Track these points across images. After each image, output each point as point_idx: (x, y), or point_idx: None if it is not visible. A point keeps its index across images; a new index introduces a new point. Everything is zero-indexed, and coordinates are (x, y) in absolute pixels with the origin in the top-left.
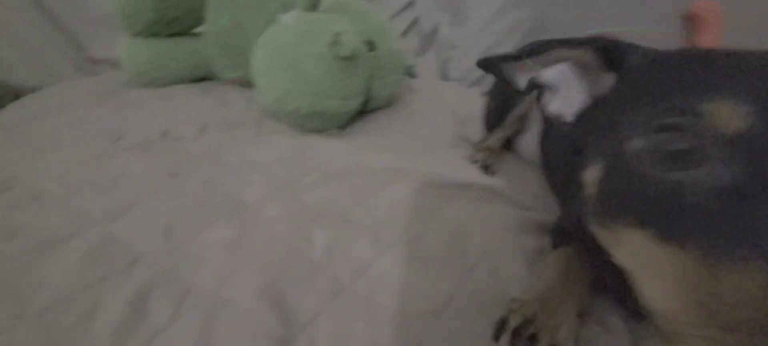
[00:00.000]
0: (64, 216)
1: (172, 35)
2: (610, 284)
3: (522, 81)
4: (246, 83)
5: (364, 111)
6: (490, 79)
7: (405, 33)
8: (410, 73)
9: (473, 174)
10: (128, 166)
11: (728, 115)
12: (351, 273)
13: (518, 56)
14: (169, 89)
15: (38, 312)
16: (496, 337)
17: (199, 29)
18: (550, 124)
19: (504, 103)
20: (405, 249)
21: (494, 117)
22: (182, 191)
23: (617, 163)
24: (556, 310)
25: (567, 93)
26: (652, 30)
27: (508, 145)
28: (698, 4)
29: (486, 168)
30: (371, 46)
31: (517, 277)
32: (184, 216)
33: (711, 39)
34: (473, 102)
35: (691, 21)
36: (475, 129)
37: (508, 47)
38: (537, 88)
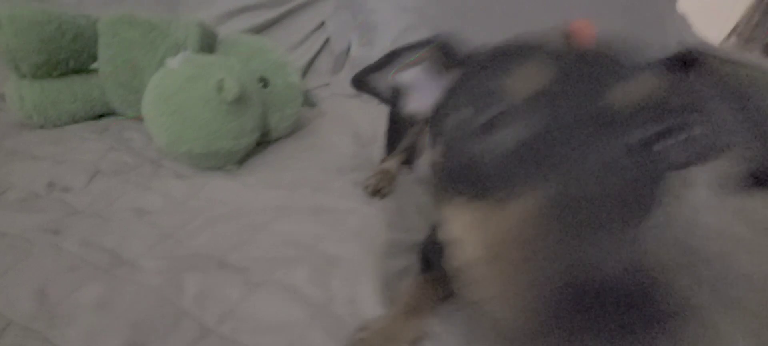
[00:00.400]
0: None
1: (63, 75)
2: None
3: (386, 92)
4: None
5: (266, 142)
6: None
7: (318, 53)
8: (309, 102)
9: (358, 201)
10: (7, 225)
11: (528, 77)
12: (218, 316)
13: (378, 67)
14: (62, 130)
15: None
16: None
17: (93, 65)
18: None
19: (401, 123)
20: (273, 286)
21: (393, 138)
22: (59, 251)
23: (445, 143)
24: (395, 338)
25: (423, 92)
26: None
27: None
28: (575, 22)
29: (377, 192)
30: (265, 82)
31: (374, 304)
32: (58, 277)
33: None
34: (380, 120)
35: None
36: (379, 149)
37: None
38: (397, 93)
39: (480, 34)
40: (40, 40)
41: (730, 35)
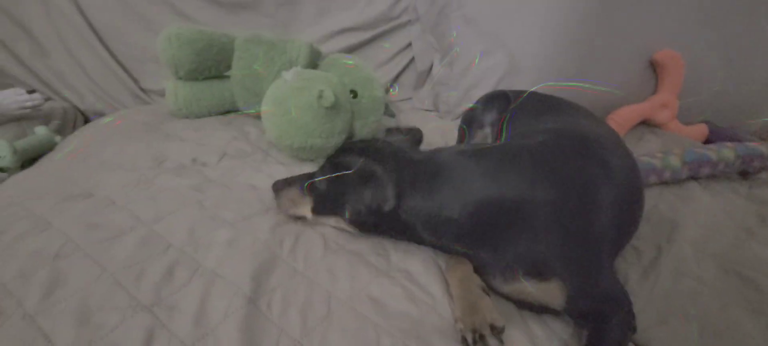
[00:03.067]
0: (126, 217)
1: (206, 79)
2: None
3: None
4: (260, 117)
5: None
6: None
7: (404, 69)
8: (389, 113)
9: None
10: (167, 184)
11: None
12: (303, 260)
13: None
14: (201, 121)
15: (113, 272)
16: None
17: (227, 72)
18: None
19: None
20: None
21: None
22: (202, 206)
23: None
24: (478, 308)
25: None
26: (606, 87)
27: None
28: (661, 52)
29: None
30: (355, 94)
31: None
32: (201, 222)
33: (673, 83)
34: (449, 133)
35: (655, 67)
36: None
37: (486, 87)
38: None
39: (543, 62)
40: (195, 52)
41: None
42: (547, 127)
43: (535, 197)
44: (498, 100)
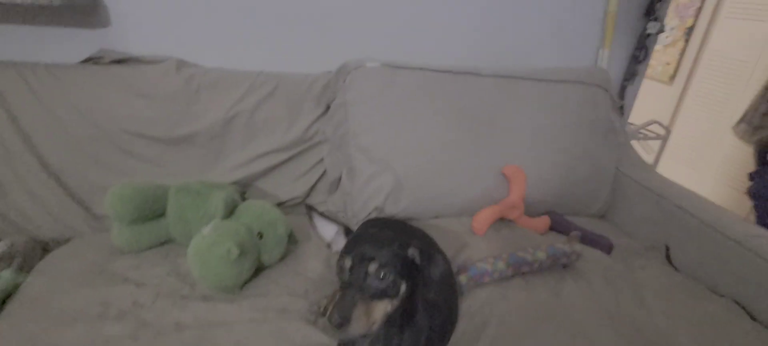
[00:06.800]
0: None
1: (145, 221)
2: None
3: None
4: None
5: (262, 267)
6: None
7: (318, 180)
8: (293, 241)
9: (304, 322)
10: (111, 332)
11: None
12: None
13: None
14: (141, 257)
15: None
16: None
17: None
18: None
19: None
20: None
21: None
22: None
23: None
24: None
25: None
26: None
27: None
28: (507, 167)
29: (324, 311)
30: (261, 235)
31: None
32: None
33: (519, 189)
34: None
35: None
36: None
37: (378, 199)
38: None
39: (430, 176)
40: (134, 207)
41: (739, 122)
42: None
43: None
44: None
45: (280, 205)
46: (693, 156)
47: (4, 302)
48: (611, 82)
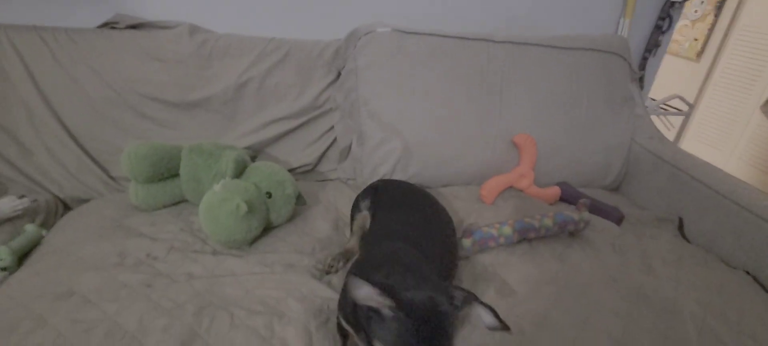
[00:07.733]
0: (97, 312)
1: (160, 181)
2: None
3: None
4: None
5: (271, 227)
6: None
7: (329, 147)
8: (301, 202)
9: (310, 277)
10: (126, 280)
11: None
12: (215, 334)
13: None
14: (156, 215)
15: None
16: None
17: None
18: None
19: (354, 211)
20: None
21: (352, 224)
22: (149, 299)
23: None
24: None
25: None
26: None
27: None
28: (518, 135)
29: (330, 268)
30: (269, 195)
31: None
32: (148, 313)
33: (529, 158)
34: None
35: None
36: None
37: (388, 165)
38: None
39: (438, 143)
40: (150, 165)
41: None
42: (396, 230)
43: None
44: (369, 190)
45: (290, 172)
46: (717, 136)
47: (28, 253)
48: (630, 50)
